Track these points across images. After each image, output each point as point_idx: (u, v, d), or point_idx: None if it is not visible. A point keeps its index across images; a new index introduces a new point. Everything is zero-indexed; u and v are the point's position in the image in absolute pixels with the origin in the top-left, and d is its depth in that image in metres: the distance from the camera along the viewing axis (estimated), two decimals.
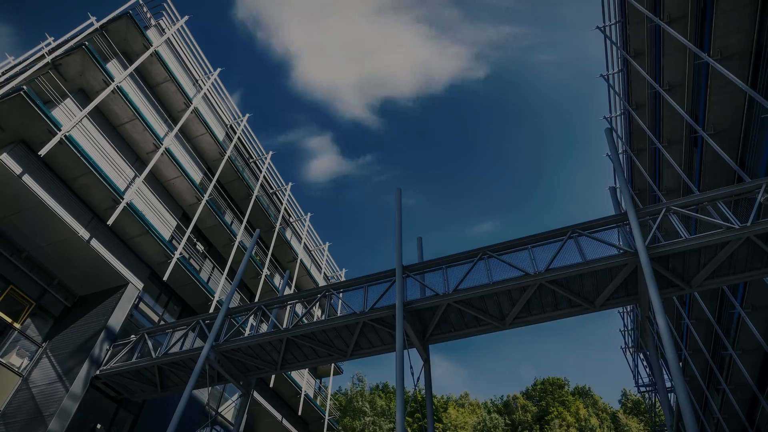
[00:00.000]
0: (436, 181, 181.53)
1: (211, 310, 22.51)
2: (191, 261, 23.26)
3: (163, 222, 21.77)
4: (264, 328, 16.89)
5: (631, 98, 22.49)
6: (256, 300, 25.82)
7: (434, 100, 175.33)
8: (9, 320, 17.36)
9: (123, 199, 18.38)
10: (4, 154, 15.58)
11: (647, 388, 37.32)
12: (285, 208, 33.25)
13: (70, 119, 17.92)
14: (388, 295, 14.81)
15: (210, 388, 22.83)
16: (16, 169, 15.80)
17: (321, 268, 37.05)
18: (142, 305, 20.71)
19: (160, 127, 22.82)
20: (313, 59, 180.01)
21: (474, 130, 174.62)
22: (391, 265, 15.51)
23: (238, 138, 29.54)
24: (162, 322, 21.35)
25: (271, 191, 32.57)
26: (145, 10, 24.21)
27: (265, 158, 31.76)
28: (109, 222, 17.92)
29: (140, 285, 19.98)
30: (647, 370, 35.28)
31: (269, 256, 29.58)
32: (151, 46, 22.26)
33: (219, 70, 27.97)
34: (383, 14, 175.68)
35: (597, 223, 13.70)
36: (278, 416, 27.74)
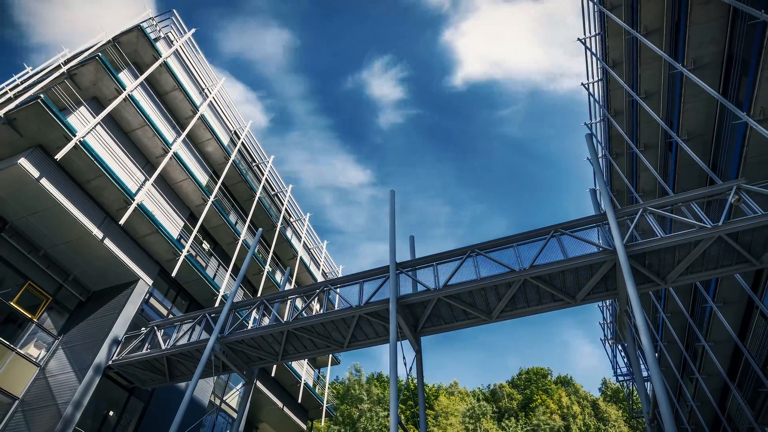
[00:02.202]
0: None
1: (217, 305, 22.43)
2: (198, 258, 23.16)
3: (172, 222, 21.67)
4: (266, 321, 16.83)
5: (610, 106, 22.51)
6: (259, 295, 25.71)
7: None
8: (27, 314, 17.31)
9: (134, 200, 18.31)
10: (23, 159, 15.55)
11: (625, 378, 37.35)
12: (286, 209, 33.16)
13: (85, 125, 17.86)
14: (382, 290, 14.74)
15: (215, 378, 22.84)
16: (34, 172, 15.77)
17: (319, 265, 36.95)
18: (151, 300, 20.63)
19: (168, 133, 22.74)
20: None
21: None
22: (385, 263, 15.52)
23: (242, 143, 29.47)
24: (170, 316, 21.24)
25: (272, 193, 32.48)
26: (155, 23, 24.12)
27: (267, 162, 31.68)
28: (121, 222, 17.88)
29: (150, 281, 19.91)
30: (625, 360, 35.32)
31: (271, 253, 29.53)
32: (161, 57, 22.17)
33: (224, 79, 27.96)
34: None
35: (578, 223, 13.68)
36: (279, 404, 27.70)
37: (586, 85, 25.08)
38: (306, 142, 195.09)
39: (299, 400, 28.86)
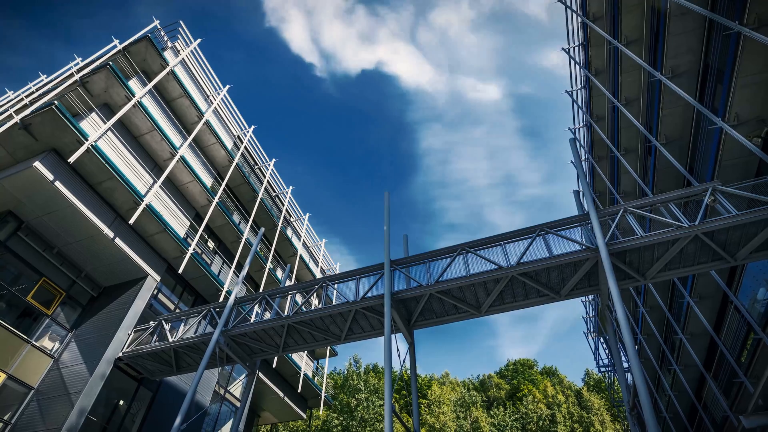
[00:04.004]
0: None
1: (221, 300, 22.37)
2: (203, 256, 23.07)
3: (178, 221, 21.59)
4: (268, 315, 16.77)
5: (593, 112, 22.53)
6: (261, 290, 25.66)
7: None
8: (42, 308, 17.24)
9: (143, 201, 18.22)
10: (38, 162, 15.50)
11: (607, 369, 37.38)
12: (286, 209, 33.04)
13: (96, 130, 17.78)
14: (377, 286, 14.70)
15: (220, 369, 22.73)
16: (49, 175, 15.71)
17: (318, 263, 36.85)
18: (159, 295, 20.54)
19: (175, 138, 22.63)
20: None
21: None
22: (381, 260, 15.49)
23: (245, 147, 29.38)
24: (177, 310, 21.17)
25: (273, 194, 32.37)
26: (162, 33, 23.98)
27: (269, 165, 31.60)
28: (131, 221, 17.79)
29: (158, 277, 19.80)
30: (607, 352, 35.33)
31: (272, 251, 29.45)
32: (168, 65, 22.04)
33: (228, 86, 27.82)
34: None
35: (562, 222, 13.65)
36: (280, 393, 27.65)
37: (570, 92, 25.10)
38: (487, 139, 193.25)
39: (299, 390, 28.81)
